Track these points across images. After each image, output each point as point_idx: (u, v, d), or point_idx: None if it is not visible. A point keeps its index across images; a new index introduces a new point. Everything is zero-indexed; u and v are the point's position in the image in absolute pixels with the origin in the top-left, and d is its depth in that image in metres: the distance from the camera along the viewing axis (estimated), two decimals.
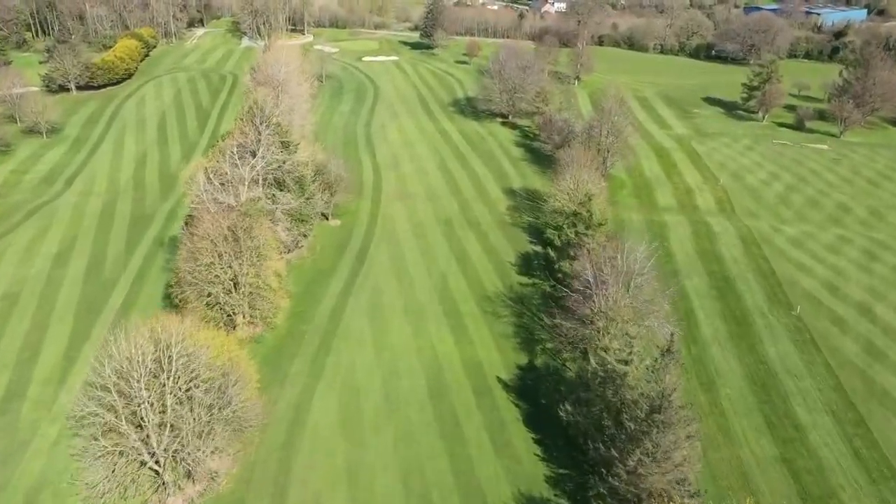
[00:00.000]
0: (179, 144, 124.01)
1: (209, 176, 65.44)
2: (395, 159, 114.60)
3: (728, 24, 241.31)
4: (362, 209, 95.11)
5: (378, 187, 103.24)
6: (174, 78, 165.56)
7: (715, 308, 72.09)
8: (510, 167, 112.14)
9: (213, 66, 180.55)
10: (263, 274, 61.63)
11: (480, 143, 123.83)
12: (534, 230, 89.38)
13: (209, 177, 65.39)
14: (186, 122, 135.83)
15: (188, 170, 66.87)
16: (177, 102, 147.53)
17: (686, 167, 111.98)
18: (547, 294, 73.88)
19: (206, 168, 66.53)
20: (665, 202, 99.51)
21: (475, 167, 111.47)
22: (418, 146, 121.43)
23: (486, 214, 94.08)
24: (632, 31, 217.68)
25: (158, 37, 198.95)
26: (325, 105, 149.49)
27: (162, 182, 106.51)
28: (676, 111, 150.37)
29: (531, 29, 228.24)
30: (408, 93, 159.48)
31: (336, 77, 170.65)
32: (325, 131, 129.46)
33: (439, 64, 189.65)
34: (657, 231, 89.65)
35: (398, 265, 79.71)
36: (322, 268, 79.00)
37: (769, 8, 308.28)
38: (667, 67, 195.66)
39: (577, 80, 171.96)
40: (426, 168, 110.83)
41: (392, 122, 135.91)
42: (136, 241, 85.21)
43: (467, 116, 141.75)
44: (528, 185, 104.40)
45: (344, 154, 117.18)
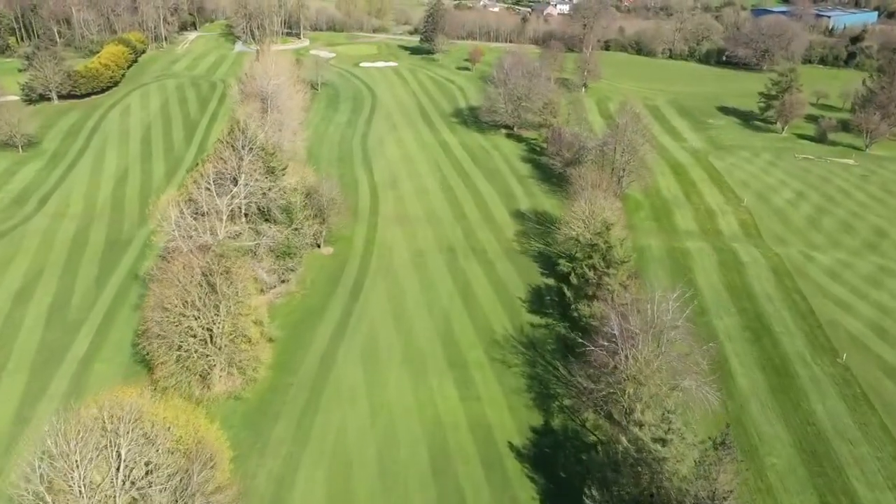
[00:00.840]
0: (164, 159, 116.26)
1: (182, 210, 57.70)
2: (393, 177, 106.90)
3: (739, 28, 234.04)
4: (357, 235, 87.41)
5: (375, 209, 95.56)
6: (162, 86, 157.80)
7: (751, 354, 64.41)
8: (517, 185, 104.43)
9: (204, 72, 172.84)
10: (242, 325, 53.94)
11: (484, 158, 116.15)
12: (545, 259, 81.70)
13: (182, 211, 57.66)
14: (172, 135, 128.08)
15: (159, 204, 59.21)
16: (163, 113, 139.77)
17: (706, 186, 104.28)
18: (562, 338, 66.20)
19: (178, 202, 58.75)
20: (686, 226, 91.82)
21: (479, 186, 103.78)
22: (418, 162, 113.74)
23: (493, 241, 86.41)
24: (639, 36, 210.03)
25: (148, 41, 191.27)
26: (320, 115, 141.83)
27: (142, 202, 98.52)
28: (690, 122, 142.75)
29: (534, 33, 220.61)
30: (407, 102, 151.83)
31: (332, 84, 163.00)
32: (319, 145, 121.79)
33: (440, 70, 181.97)
34: (680, 260, 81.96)
35: (396, 303, 72.04)
36: (312, 306, 71.29)
37: (777, 10, 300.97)
38: (677, 74, 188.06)
39: (585, 87, 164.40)
40: (427, 187, 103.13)
41: (390, 135, 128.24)
42: (109, 273, 77.48)
43: (470, 128, 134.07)
44: (537, 207, 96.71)
45: (339, 171, 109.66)
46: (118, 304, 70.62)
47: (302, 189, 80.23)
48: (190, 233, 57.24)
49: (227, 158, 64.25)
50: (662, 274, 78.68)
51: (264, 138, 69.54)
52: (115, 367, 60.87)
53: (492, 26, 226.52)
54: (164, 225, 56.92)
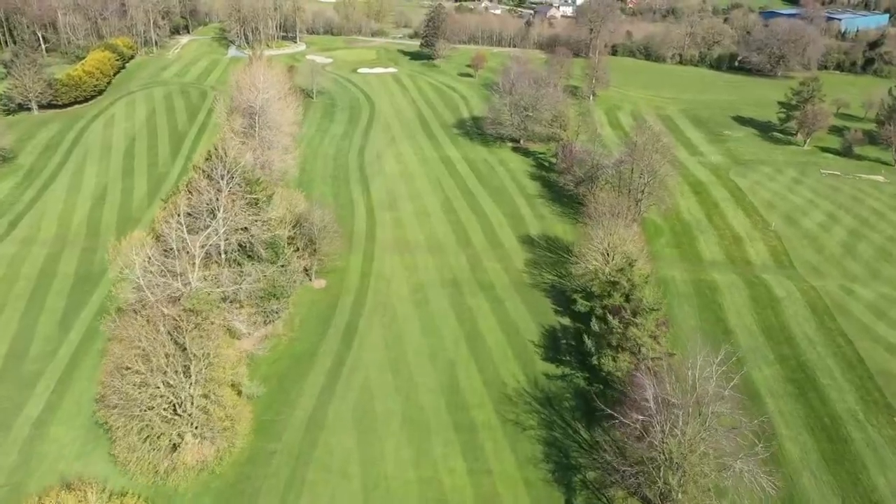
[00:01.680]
0: (147, 176, 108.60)
1: (149, 255, 50.06)
2: (392, 197, 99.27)
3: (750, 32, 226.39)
4: (352, 265, 79.80)
5: (372, 234, 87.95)
6: (149, 94, 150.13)
7: (797, 414, 56.82)
8: (525, 206, 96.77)
9: (194, 79, 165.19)
10: (216, 389, 46.34)
11: (490, 175, 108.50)
12: (558, 294, 74.09)
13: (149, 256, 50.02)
14: (158, 149, 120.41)
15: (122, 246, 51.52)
16: (149, 124, 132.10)
17: (729, 207, 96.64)
18: (581, 392, 58.62)
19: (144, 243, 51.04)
20: (711, 254, 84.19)
21: (485, 207, 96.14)
22: (419, 179, 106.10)
23: (501, 272, 78.78)
24: (648, 40, 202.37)
25: (137, 47, 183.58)
26: (315, 126, 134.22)
27: (120, 225, 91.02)
28: (706, 133, 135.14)
29: (539, 37, 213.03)
30: (407, 111, 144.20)
31: (328, 92, 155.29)
32: (313, 160, 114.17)
33: (441, 77, 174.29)
34: (707, 296, 74.33)
35: (394, 349, 64.44)
36: (300, 352, 63.68)
37: (786, 13, 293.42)
38: (688, 80, 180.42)
39: (593, 95, 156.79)
40: (428, 208, 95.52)
41: (389, 149, 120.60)
42: (76, 311, 69.91)
43: (474, 140, 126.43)
44: (548, 231, 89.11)
45: (334, 190, 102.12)
46: (83, 351, 62.98)
47: (290, 218, 72.70)
48: (157, 281, 49.59)
49: (204, 190, 56.61)
50: (689, 311, 71.16)
51: (247, 164, 61.84)
52: (73, 431, 53.21)
53: (494, 30, 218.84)
54: (128, 272, 49.31)
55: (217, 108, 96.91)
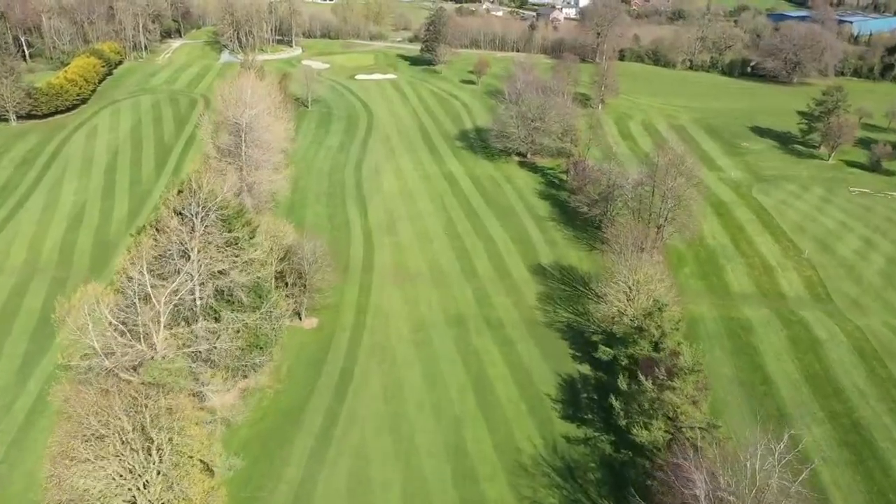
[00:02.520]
0: (128, 195, 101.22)
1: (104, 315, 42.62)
2: (391, 218, 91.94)
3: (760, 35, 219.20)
4: (348, 299, 72.44)
5: (369, 262, 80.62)
6: (136, 102, 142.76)
7: (856, 486, 49.52)
8: (535, 230, 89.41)
9: (184, 86, 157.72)
10: (181, 483, 38.94)
11: (496, 194, 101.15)
12: (576, 336, 66.72)
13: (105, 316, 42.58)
14: (142, 163, 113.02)
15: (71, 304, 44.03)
16: (134, 135, 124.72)
17: (756, 231, 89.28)
18: (608, 461, 51.30)
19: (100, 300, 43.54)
20: (740, 286, 76.84)
21: (492, 230, 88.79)
22: (420, 198, 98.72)
23: (511, 308, 71.42)
24: (656, 44, 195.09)
25: (125, 52, 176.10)
26: (309, 137, 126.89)
27: (95, 252, 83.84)
28: (722, 145, 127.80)
29: (543, 41, 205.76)
30: (407, 121, 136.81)
31: (324, 100, 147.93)
32: (307, 175, 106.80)
33: (442, 84, 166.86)
34: (741, 337, 66.99)
35: (394, 402, 57.13)
36: (287, 407, 56.36)
37: (796, 15, 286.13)
38: (700, 87, 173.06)
39: (602, 103, 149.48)
40: (430, 231, 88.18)
41: (388, 163, 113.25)
42: (39, 356, 62.55)
43: (477, 153, 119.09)
44: (561, 259, 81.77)
45: (328, 210, 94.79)
46: (39, 408, 55.59)
47: (278, 251, 65.33)
48: (116, 344, 42.20)
49: (174, 230, 49.23)
50: (723, 357, 63.84)
51: (227, 195, 54.40)
52: None
53: (497, 34, 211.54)
54: (80, 335, 41.91)
55: (203, 124, 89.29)
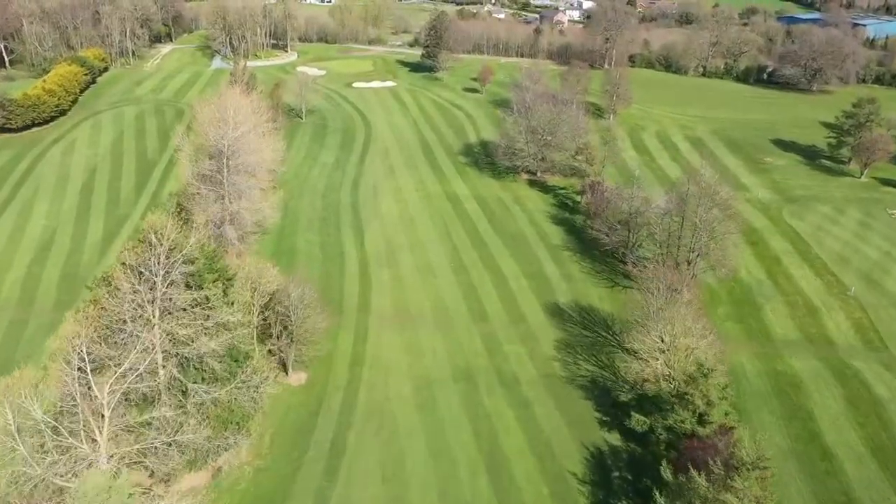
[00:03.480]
0: (104, 218, 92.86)
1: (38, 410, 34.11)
2: (389, 247, 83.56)
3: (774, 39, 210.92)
4: (341, 348, 64.08)
5: (366, 300, 72.25)
6: (119, 114, 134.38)
7: None
8: (550, 262, 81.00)
9: (172, 96, 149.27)
10: None
11: (505, 218, 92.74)
12: (602, 395, 58.37)
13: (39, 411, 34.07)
14: (121, 182, 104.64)
15: None
16: (115, 151, 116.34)
17: (794, 262, 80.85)
18: None
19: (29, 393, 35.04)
20: (783, 330, 68.42)
21: (501, 262, 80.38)
22: (421, 223, 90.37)
23: (526, 359, 63.07)
24: (668, 50, 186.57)
25: (111, 58, 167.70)
26: (303, 152, 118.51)
27: (62, 287, 75.48)
28: (744, 160, 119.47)
29: (549, 46, 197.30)
30: (407, 134, 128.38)
31: (319, 111, 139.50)
32: (298, 196, 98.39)
33: (444, 92, 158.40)
34: (790, 396, 58.62)
35: (394, 483, 48.78)
36: (269, 492, 47.89)
37: (807, 18, 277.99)
38: (715, 96, 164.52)
39: (613, 113, 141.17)
40: (433, 264, 79.79)
41: (387, 182, 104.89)
42: None
43: (483, 171, 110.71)
44: (581, 299, 73.33)
45: (321, 238, 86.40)
46: None
47: (259, 298, 57.01)
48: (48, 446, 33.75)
49: (129, 293, 40.81)
50: (772, 422, 55.46)
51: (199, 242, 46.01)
52: None
53: (501, 39, 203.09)
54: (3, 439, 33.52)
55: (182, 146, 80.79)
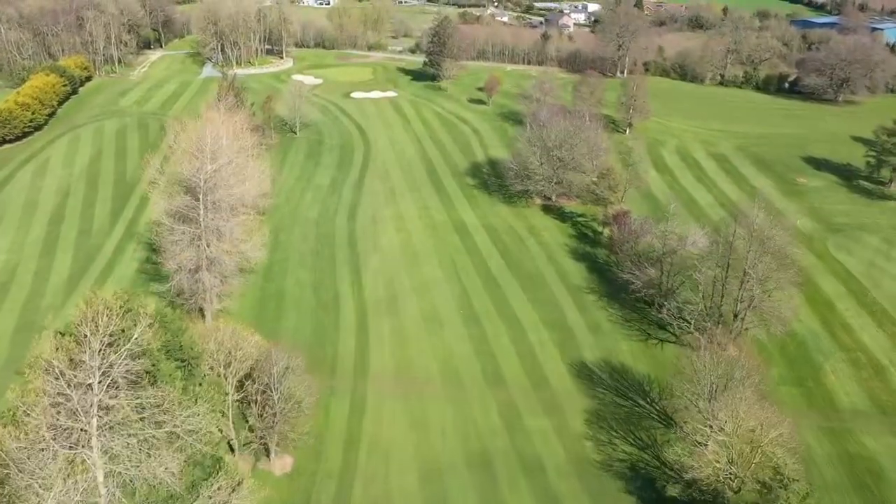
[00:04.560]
0: (73, 250, 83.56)
1: None
2: (391, 290, 74.00)
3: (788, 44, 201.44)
4: (334, 425, 54.55)
5: (363, 359, 62.68)
6: (99, 129, 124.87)
7: None
8: (572, 307, 71.36)
9: (158, 108, 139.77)
10: None
11: (519, 253, 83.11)
12: (644, 487, 48.81)
13: None
14: (96, 208, 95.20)
15: None
16: (91, 171, 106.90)
17: (850, 309, 71.16)
18: None
19: None
20: (848, 396, 58.85)
21: (517, 309, 70.74)
22: (426, 260, 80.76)
23: (552, 437, 53.53)
24: (683, 57, 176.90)
25: (94, 67, 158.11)
26: (296, 172, 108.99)
27: (17, 340, 65.66)
28: (775, 180, 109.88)
29: (558, 53, 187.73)
30: (409, 152, 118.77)
31: (315, 125, 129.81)
32: (290, 226, 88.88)
33: (448, 104, 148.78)
34: (871, 490, 49.03)
35: None
36: None
37: (822, 21, 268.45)
38: (736, 107, 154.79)
39: (629, 127, 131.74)
40: (440, 311, 70.19)
41: (387, 207, 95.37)
42: None
43: (493, 195, 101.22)
44: (611, 356, 63.77)
45: (313, 277, 76.88)
46: None
47: (235, 371, 47.46)
48: None
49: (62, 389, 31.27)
50: None
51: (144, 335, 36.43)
52: None
53: (507, 44, 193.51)
54: None
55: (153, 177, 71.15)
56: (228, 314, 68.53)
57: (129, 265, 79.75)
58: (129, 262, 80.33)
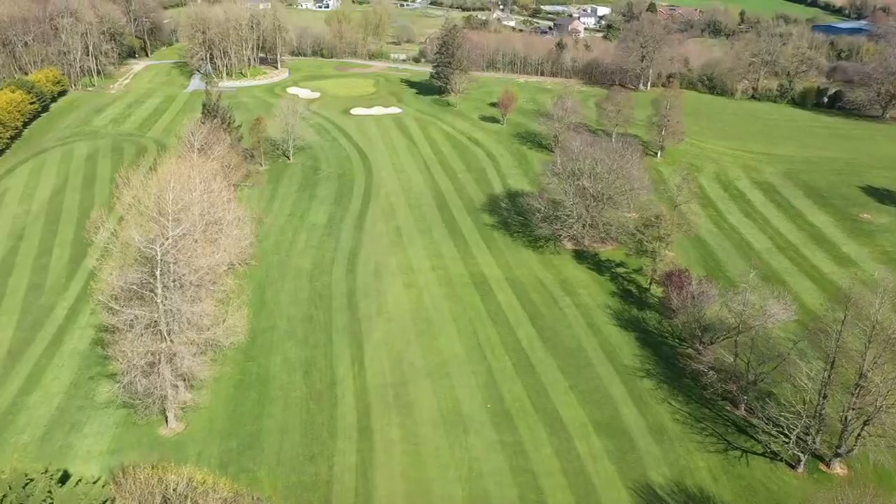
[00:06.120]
0: (18, 316, 69.98)
1: None
2: (400, 375, 60.02)
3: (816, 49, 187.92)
4: None
5: (366, 482, 48.75)
6: (68, 153, 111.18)
7: None
8: (627, 401, 57.28)
9: (136, 127, 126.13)
10: None
11: (554, 320, 68.97)
12: None
13: None
14: (52, 255, 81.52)
15: None
16: (53, 207, 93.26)
17: None
18: None
19: None
20: None
21: (559, 402, 56.73)
22: (442, 330, 66.75)
23: None
24: (711, 69, 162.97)
25: (68, 80, 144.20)
26: (287, 208, 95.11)
27: None
28: (835, 216, 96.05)
29: (574, 63, 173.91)
30: (417, 181, 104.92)
31: (310, 149, 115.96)
32: (279, 282, 75.01)
33: (458, 122, 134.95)
34: None
35: None
36: None
37: (848, 27, 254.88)
38: (776, 125, 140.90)
39: (661, 150, 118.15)
40: (464, 406, 56.20)
41: (393, 255, 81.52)
42: None
43: (515, 237, 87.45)
44: (684, 474, 49.78)
45: (305, 354, 62.97)
46: None
47: None
48: None
49: None
50: None
51: None
52: None
53: (518, 53, 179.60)
54: None
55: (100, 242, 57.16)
56: (198, 411, 54.81)
57: (84, 336, 65.88)
58: (83, 332, 66.46)
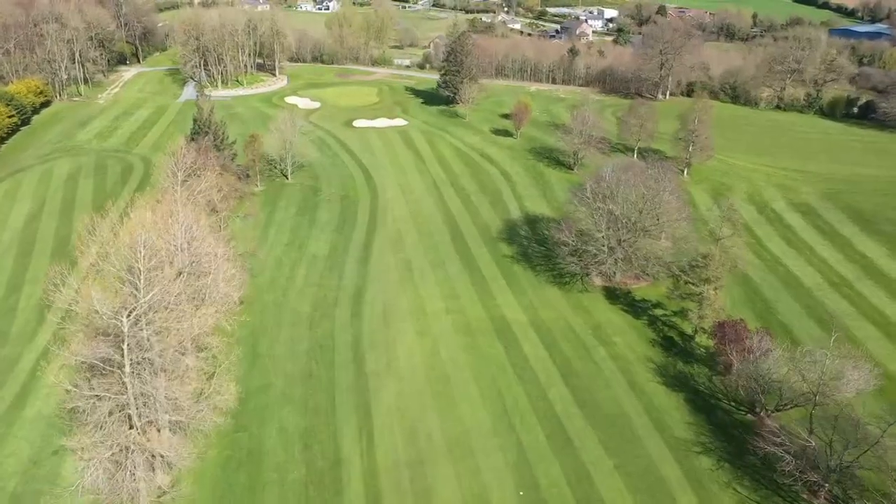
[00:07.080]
0: None
1: None
2: (415, 449, 51.35)
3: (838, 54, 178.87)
4: None
5: None
6: (47, 172, 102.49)
7: None
8: (684, 485, 48.52)
9: (123, 142, 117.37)
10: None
11: (588, 375, 60.27)
12: None
13: None
14: (21, 293, 72.99)
15: None
16: (26, 236, 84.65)
17: None
18: None
19: None
20: None
21: (604, 488, 48.02)
22: (462, 390, 57.99)
23: None
24: (734, 77, 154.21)
25: (54, 90, 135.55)
26: (285, 237, 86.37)
27: None
28: (886, 244, 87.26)
29: (587, 70, 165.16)
30: (427, 204, 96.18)
31: (310, 166, 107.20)
32: (275, 327, 66.33)
33: (468, 136, 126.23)
34: None
35: None
36: None
37: (866, 30, 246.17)
38: (807, 138, 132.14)
39: (687, 167, 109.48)
40: (493, 496, 47.52)
41: (403, 294, 72.78)
42: None
43: (537, 270, 78.74)
44: None
45: (305, 422, 54.46)
46: None
47: None
48: None
49: None
50: None
51: None
52: None
53: (529, 60, 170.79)
54: None
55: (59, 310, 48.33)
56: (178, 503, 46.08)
57: (50, 396, 57.06)
58: (49, 392, 57.56)
